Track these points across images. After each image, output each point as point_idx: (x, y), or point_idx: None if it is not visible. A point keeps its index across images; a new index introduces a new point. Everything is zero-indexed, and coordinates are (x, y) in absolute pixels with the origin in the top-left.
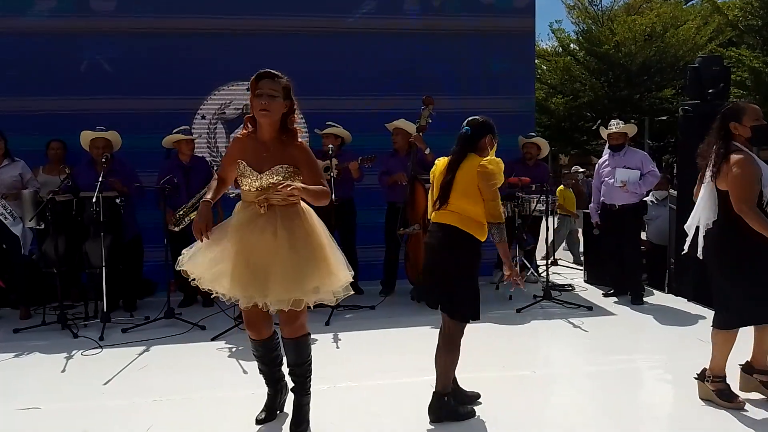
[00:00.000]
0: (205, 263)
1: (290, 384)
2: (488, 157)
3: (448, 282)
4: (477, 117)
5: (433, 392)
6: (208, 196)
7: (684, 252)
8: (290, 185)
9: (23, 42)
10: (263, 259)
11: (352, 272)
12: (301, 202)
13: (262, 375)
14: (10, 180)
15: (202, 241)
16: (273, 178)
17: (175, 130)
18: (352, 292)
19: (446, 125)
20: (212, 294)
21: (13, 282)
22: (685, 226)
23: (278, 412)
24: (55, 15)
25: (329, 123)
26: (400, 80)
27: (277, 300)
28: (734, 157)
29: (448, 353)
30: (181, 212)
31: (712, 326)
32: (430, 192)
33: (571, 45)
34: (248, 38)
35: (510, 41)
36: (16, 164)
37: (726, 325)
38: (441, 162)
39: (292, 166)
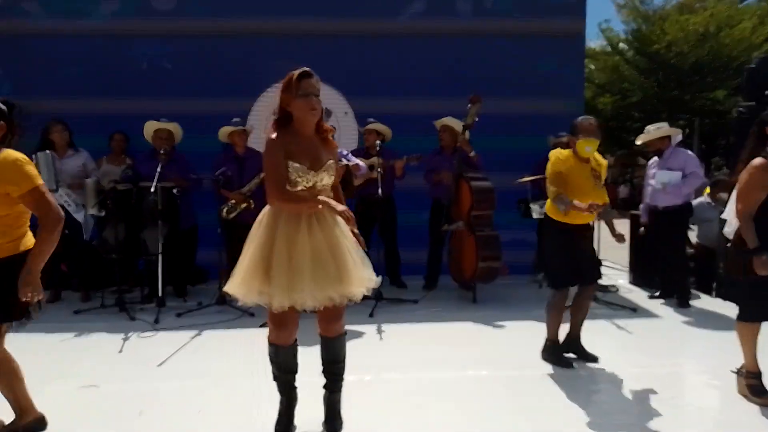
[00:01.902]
0: (249, 278)
1: (323, 382)
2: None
3: (594, 258)
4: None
5: (578, 336)
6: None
7: (728, 244)
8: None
9: (85, 43)
10: (311, 257)
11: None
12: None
13: (277, 383)
14: (74, 169)
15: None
16: (326, 175)
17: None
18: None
19: (497, 127)
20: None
21: (75, 266)
22: (722, 215)
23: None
24: (116, 17)
25: (370, 120)
26: (448, 82)
27: (327, 297)
28: (755, 160)
29: (589, 304)
30: (233, 202)
31: (736, 320)
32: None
33: (621, 44)
34: (300, 40)
35: (560, 43)
36: (80, 154)
37: (748, 317)
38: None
39: (333, 161)
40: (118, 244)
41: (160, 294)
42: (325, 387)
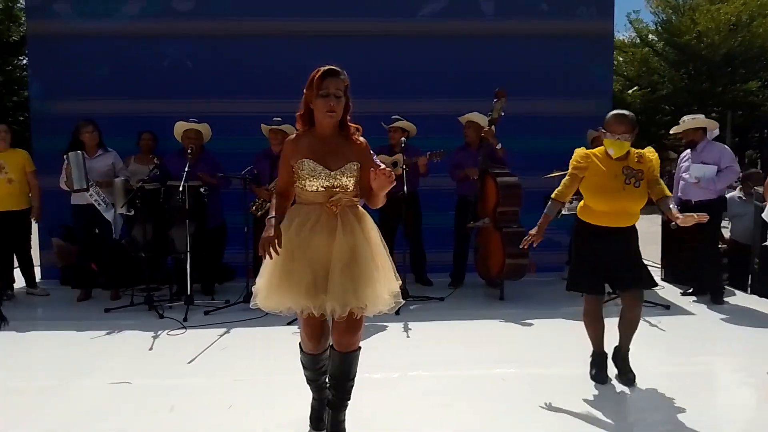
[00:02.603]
0: (274, 285)
1: (330, 395)
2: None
3: (635, 262)
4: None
5: (625, 351)
6: (272, 214)
7: (765, 243)
8: (390, 171)
9: (111, 43)
10: (335, 262)
11: (400, 281)
12: (358, 205)
13: (309, 383)
14: (103, 169)
15: (270, 257)
16: (344, 176)
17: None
18: (403, 302)
19: (525, 127)
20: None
21: (105, 265)
22: (763, 215)
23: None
24: (140, 17)
25: (395, 117)
26: (474, 82)
27: (348, 305)
28: None
29: (639, 314)
30: (261, 199)
31: None
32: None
33: (650, 36)
34: (325, 40)
35: (588, 42)
36: (109, 154)
37: None
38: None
39: (357, 162)
40: (147, 243)
41: (188, 292)
42: (329, 405)
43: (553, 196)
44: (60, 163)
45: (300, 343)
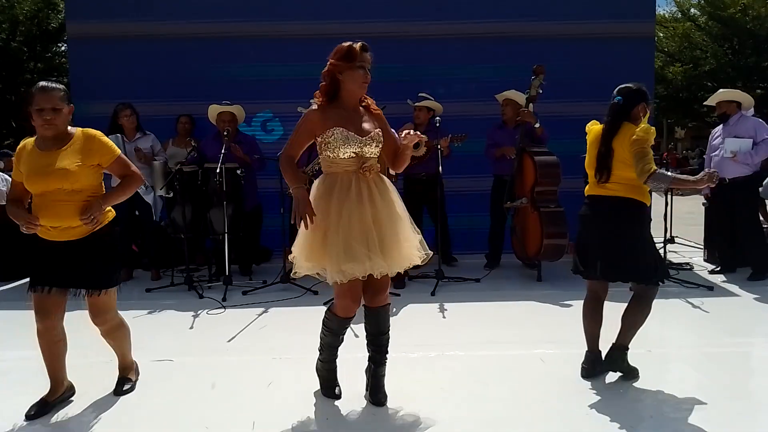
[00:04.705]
0: (315, 252)
1: (369, 353)
2: (643, 125)
3: (632, 252)
4: (629, 84)
5: (614, 345)
6: (297, 184)
7: None
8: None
9: (152, 46)
10: (373, 226)
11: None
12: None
13: (328, 350)
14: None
15: (306, 227)
16: (374, 142)
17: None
18: (431, 253)
19: (566, 130)
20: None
21: (145, 246)
22: None
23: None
24: (176, 19)
25: (422, 94)
26: (514, 84)
27: (395, 265)
28: None
29: (641, 312)
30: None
31: None
32: (586, 160)
33: (692, 10)
34: (375, 42)
35: (630, 45)
36: (147, 137)
37: None
38: (595, 130)
39: (380, 130)
40: (186, 225)
41: (227, 273)
42: (370, 360)
43: (648, 173)
44: None
45: (332, 312)
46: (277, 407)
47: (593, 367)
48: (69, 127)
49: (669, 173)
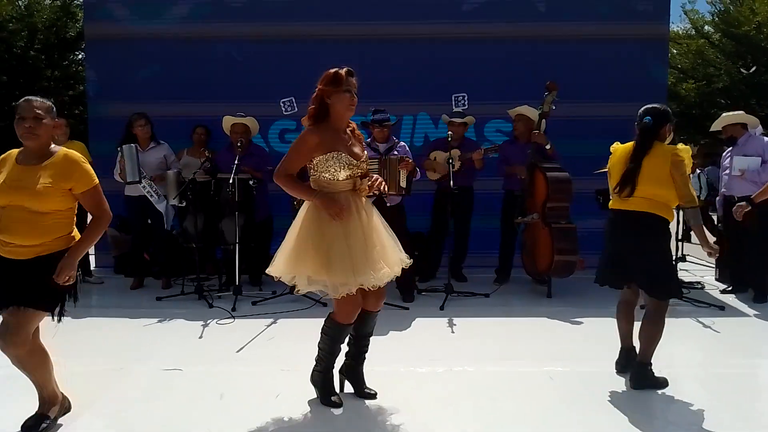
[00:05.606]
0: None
1: (351, 354)
2: (680, 146)
3: (649, 265)
4: (656, 106)
5: (637, 362)
6: (312, 191)
7: None
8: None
9: (164, 45)
10: (374, 239)
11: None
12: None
13: (328, 357)
14: (156, 161)
15: (341, 218)
16: (364, 164)
17: None
18: (411, 260)
19: (578, 131)
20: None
21: (156, 255)
22: None
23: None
24: (194, 19)
25: (458, 110)
26: (524, 86)
27: (396, 269)
28: None
29: (654, 326)
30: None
31: None
32: (611, 178)
33: (705, 27)
34: (364, 45)
35: (643, 47)
36: (161, 147)
37: None
38: (621, 149)
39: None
40: (198, 234)
41: (237, 283)
42: (353, 359)
43: (693, 204)
44: (115, 157)
45: (333, 319)
46: (285, 419)
47: (626, 360)
48: (53, 145)
49: (700, 218)
